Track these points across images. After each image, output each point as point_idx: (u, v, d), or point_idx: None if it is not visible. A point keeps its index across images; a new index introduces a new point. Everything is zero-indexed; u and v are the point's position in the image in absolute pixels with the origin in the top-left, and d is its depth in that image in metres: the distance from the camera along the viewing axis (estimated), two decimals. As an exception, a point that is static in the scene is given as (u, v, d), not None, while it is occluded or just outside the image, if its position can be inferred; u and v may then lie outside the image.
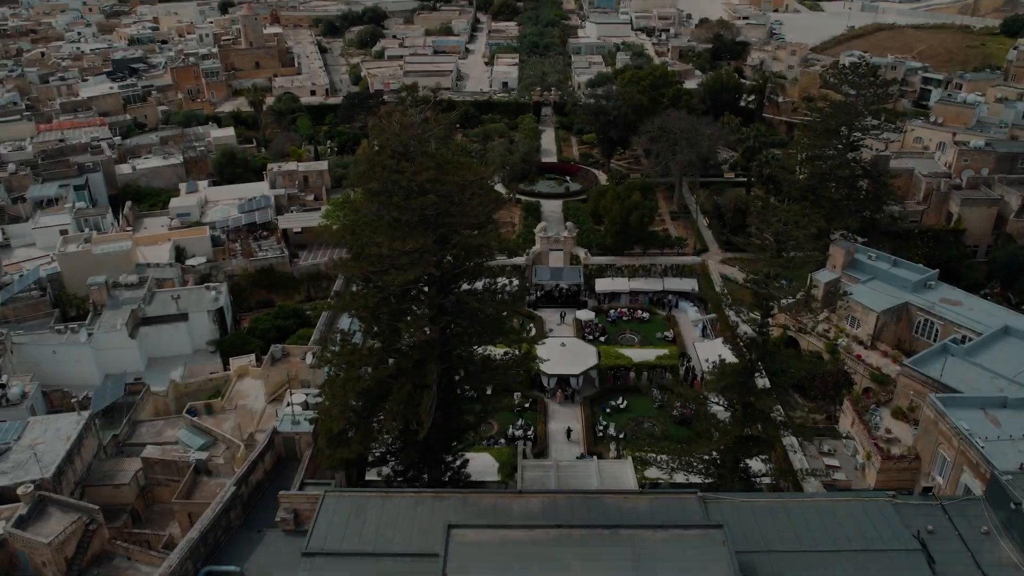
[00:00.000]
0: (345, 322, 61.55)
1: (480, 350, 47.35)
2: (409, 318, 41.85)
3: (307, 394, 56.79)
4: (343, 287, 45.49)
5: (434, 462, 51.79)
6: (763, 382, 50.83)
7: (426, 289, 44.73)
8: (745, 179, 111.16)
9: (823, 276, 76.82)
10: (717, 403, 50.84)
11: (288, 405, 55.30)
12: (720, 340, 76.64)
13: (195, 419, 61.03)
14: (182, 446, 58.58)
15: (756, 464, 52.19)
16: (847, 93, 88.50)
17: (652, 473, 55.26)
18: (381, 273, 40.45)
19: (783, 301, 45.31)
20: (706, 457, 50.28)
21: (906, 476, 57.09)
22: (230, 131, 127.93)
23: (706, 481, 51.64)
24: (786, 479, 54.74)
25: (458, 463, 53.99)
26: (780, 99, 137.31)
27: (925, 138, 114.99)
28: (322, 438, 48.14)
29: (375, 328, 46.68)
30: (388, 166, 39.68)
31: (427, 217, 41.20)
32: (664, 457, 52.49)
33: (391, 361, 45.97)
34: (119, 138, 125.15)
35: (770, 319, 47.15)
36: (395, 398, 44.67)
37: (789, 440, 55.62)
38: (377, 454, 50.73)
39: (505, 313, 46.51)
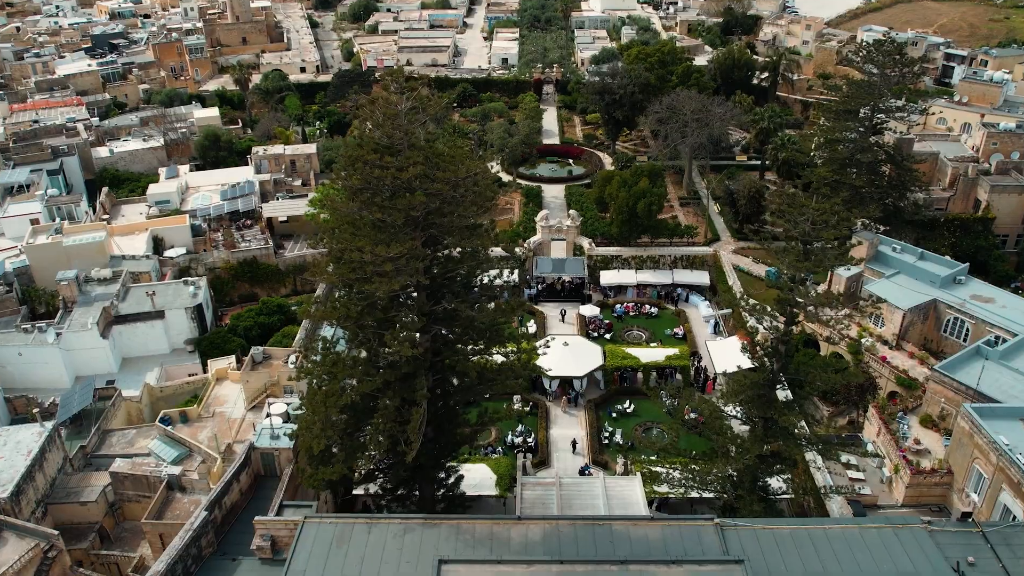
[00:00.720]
0: (328, 328, 58.25)
1: (475, 359, 43.98)
2: (394, 331, 38.42)
3: (288, 404, 53.71)
4: (325, 293, 42.43)
5: (426, 479, 48.74)
6: (785, 393, 47.60)
7: (415, 295, 41.36)
8: (759, 162, 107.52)
9: (843, 270, 73.41)
10: (734, 415, 47.70)
11: (267, 416, 52.24)
12: (734, 339, 73.72)
13: (169, 428, 57.94)
14: (155, 458, 55.57)
15: (775, 481, 49.15)
16: (870, 72, 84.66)
17: (663, 486, 52.27)
18: (363, 281, 37.10)
19: (811, 309, 41.95)
20: (722, 474, 47.19)
21: (937, 492, 54.06)
22: (214, 111, 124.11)
23: (721, 496, 48.68)
24: (808, 496, 51.70)
25: (452, 479, 50.94)
26: (795, 77, 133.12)
27: (949, 119, 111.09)
28: (303, 457, 45.03)
29: (360, 336, 43.50)
30: (370, 161, 36.20)
31: (415, 218, 37.77)
32: (676, 474, 49.39)
33: (378, 372, 42.64)
34: (97, 119, 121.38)
35: (794, 327, 43.87)
36: (381, 415, 41.51)
37: (811, 455, 52.49)
38: (364, 471, 47.59)
39: (503, 320, 43.05)
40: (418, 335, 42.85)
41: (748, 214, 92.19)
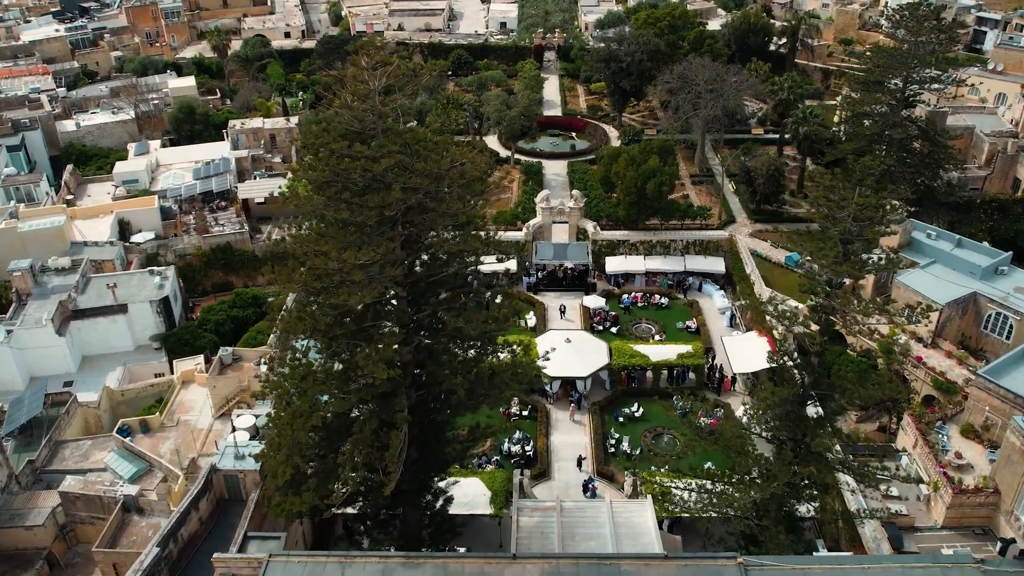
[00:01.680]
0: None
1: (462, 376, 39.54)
2: (369, 347, 33.99)
3: (257, 416, 49.52)
4: (296, 298, 38.24)
5: (410, 503, 44.65)
6: (816, 409, 43.31)
7: (395, 302, 36.91)
8: (776, 136, 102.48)
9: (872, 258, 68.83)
10: (758, 432, 43.45)
11: (232, 432, 48.08)
12: (752, 334, 69.45)
13: (127, 440, 53.84)
14: (111, 474, 51.56)
15: (804, 506, 45.02)
16: (902, 39, 79.46)
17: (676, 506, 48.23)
18: (329, 290, 32.63)
19: (853, 316, 37.50)
20: (744, 501, 43.06)
21: (981, 513, 50.00)
22: (190, 81, 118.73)
23: (743, 518, 44.55)
24: (839, 521, 47.64)
25: (440, 501, 46.82)
26: (814, 43, 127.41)
27: (982, 89, 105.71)
28: (269, 484, 40.85)
29: (334, 346, 39.19)
30: (337, 150, 31.55)
31: (391, 217, 33.21)
32: (691, 496, 45.28)
33: (354, 389, 38.29)
34: (64, 89, 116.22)
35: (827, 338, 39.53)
36: (355, 440, 37.23)
37: (844, 476, 48.30)
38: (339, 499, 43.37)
39: (496, 329, 38.56)
40: (399, 345, 38.57)
41: (766, 194, 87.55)
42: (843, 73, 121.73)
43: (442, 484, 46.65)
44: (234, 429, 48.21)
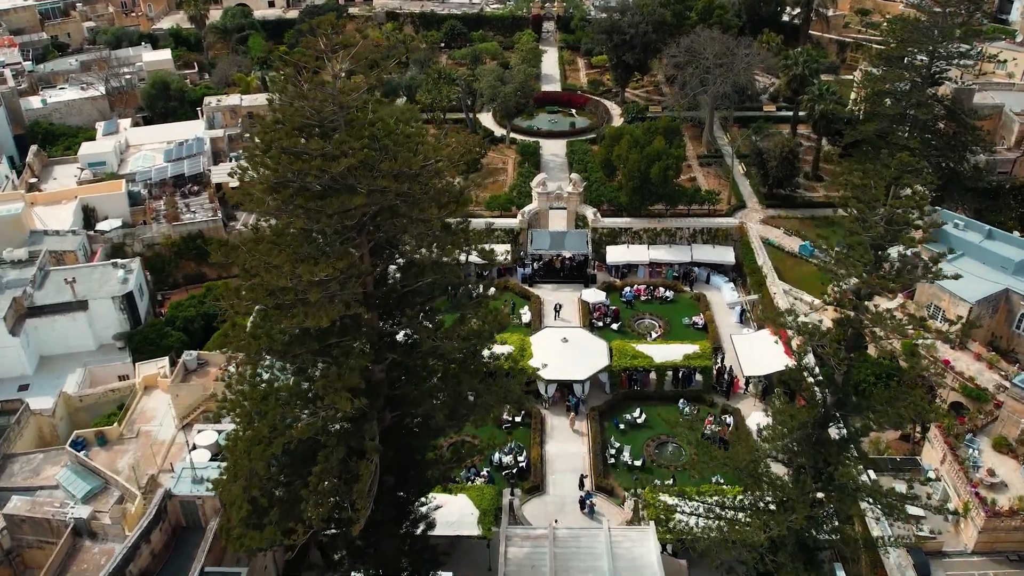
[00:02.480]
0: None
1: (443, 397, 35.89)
2: (332, 373, 30.33)
3: (220, 432, 45.98)
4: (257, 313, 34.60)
5: (387, 534, 41.19)
6: (838, 430, 39.75)
7: (365, 315, 33.17)
8: (790, 113, 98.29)
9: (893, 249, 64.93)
10: (775, 459, 39.92)
11: (191, 450, 44.58)
12: (765, 332, 65.82)
13: (82, 454, 50.35)
14: (64, 492, 48.12)
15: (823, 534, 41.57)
16: (927, 10, 75.08)
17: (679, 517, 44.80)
18: (283, 310, 28.91)
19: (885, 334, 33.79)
20: (758, 532, 39.61)
21: (1017, 537, 46.67)
22: (166, 54, 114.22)
23: (755, 552, 41.14)
24: (861, 549, 44.22)
25: (421, 527, 43.33)
26: (830, 12, 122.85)
27: (1010, 63, 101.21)
28: (227, 514, 37.42)
29: (298, 362, 35.58)
30: (288, 147, 27.69)
31: (355, 226, 29.39)
32: (697, 523, 41.84)
33: (319, 415, 34.66)
34: (31, 63, 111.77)
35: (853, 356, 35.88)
36: (320, 472, 33.62)
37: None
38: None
39: (479, 344, 34.84)
40: (371, 363, 34.92)
41: (779, 177, 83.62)
42: (860, 45, 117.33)
43: (423, 509, 43.21)
44: (194, 447, 44.69)
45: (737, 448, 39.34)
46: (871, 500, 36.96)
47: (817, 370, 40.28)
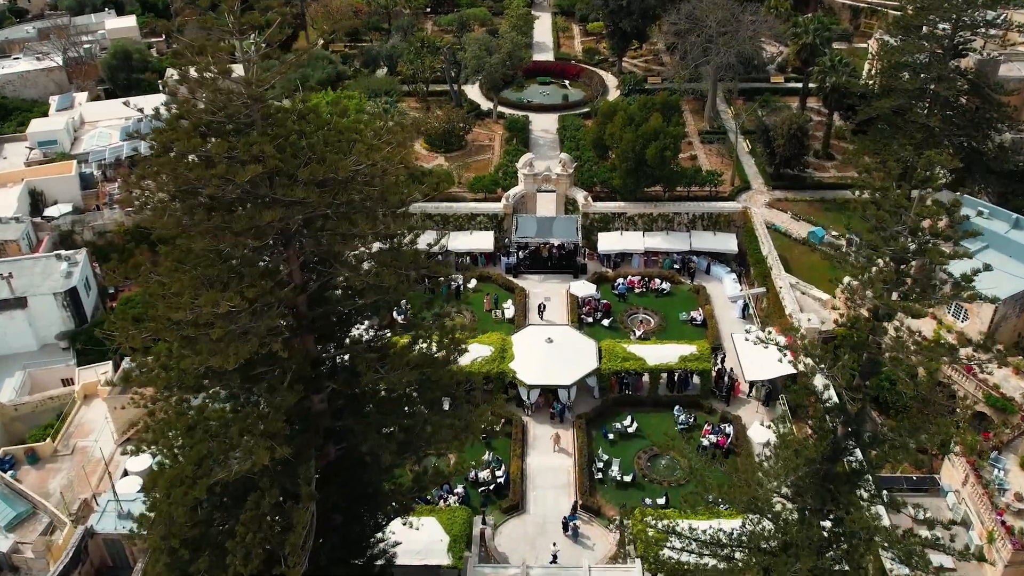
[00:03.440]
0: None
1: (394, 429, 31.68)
2: (253, 416, 26.24)
3: (155, 457, 41.84)
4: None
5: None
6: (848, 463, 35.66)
7: (290, 348, 28.90)
8: (800, 85, 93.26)
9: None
10: (777, 492, 35.86)
11: (122, 476, 40.56)
12: (771, 333, 61.48)
13: (10, 475, 46.46)
14: (-13, 518, 44.32)
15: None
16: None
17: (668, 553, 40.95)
18: (185, 346, 24.67)
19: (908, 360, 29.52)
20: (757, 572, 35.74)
21: (1048, 572, 42.79)
22: (131, 20, 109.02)
23: None
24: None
25: (379, 564, 39.51)
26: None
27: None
28: (150, 566, 33.56)
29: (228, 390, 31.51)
30: (189, 151, 23.30)
31: (280, 239, 25.10)
32: (691, 561, 37.96)
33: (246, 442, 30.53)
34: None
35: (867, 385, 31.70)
36: (248, 522, 29.61)
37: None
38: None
39: (431, 371, 30.52)
40: (311, 392, 30.81)
41: (787, 157, 78.92)
42: (875, 11, 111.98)
43: (382, 545, 39.35)
44: (125, 473, 40.70)
45: (735, 485, 35.15)
46: (885, 545, 32.94)
47: (827, 394, 36.14)
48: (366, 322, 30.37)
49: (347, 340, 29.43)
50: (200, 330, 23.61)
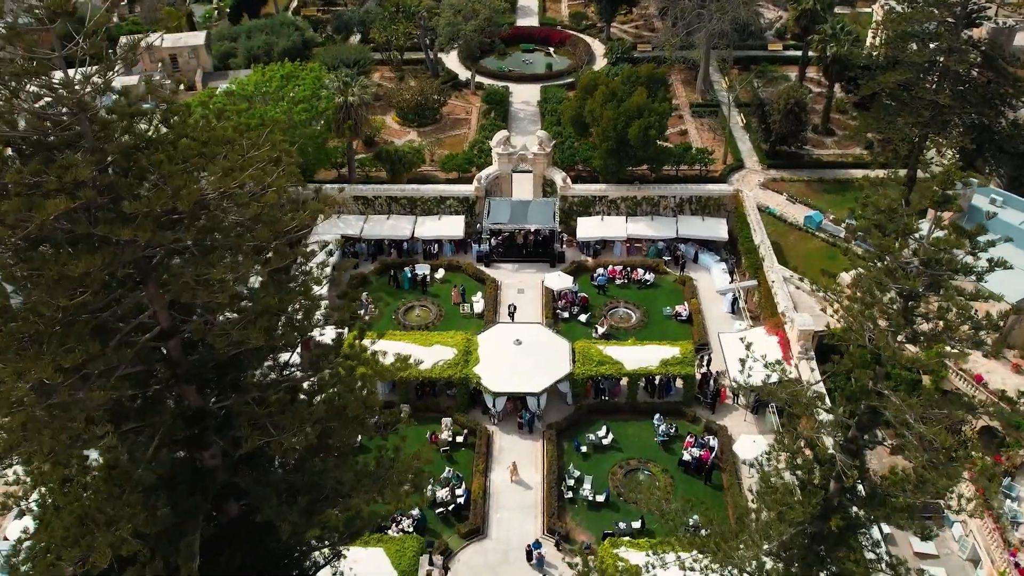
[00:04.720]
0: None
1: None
2: (87, 516, 21.06)
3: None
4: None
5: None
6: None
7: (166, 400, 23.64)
8: (799, 53, 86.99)
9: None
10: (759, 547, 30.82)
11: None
12: (760, 330, 56.50)
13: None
14: None
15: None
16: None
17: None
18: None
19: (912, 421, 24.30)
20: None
21: (1066, 620, 37.94)
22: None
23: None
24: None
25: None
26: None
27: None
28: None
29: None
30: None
31: (125, 284, 19.67)
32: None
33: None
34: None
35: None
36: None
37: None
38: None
39: (339, 426, 25.22)
40: (198, 447, 25.61)
41: (784, 133, 73.13)
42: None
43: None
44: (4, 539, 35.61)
45: (707, 543, 29.99)
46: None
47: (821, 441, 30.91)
48: (259, 368, 25.04)
49: (234, 391, 24.10)
50: (12, 408, 18.35)
